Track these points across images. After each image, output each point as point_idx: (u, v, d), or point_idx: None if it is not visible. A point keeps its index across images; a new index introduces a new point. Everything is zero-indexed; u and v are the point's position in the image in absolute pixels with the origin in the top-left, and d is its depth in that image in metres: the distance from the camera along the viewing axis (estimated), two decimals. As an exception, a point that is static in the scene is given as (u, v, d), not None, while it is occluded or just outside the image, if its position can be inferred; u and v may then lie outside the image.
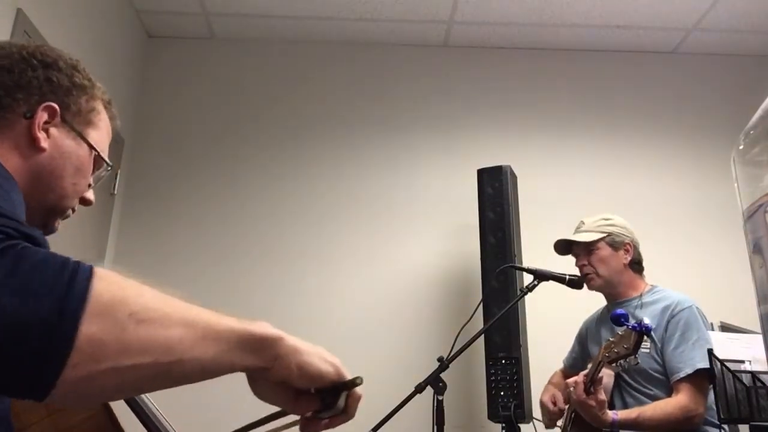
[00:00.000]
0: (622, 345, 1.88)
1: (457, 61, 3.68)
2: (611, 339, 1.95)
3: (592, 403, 1.94)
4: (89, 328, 0.55)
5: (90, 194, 1.05)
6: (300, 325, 3.41)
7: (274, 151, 3.48)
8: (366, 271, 3.31)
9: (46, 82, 0.97)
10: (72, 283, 0.56)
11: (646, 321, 1.90)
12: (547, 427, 2.33)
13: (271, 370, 0.71)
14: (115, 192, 3.22)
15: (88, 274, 0.58)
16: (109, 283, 0.59)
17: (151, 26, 3.59)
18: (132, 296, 0.60)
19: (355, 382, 0.76)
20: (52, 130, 0.97)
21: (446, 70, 3.67)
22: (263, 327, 0.71)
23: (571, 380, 2.04)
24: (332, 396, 0.76)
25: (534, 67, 3.69)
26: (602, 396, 1.95)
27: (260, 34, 3.63)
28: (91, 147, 1.02)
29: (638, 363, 1.95)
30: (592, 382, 1.94)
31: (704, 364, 2.01)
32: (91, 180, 1.05)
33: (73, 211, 1.03)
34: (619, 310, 1.92)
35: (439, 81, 3.65)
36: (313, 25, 3.54)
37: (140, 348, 0.58)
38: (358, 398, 0.79)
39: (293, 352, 0.72)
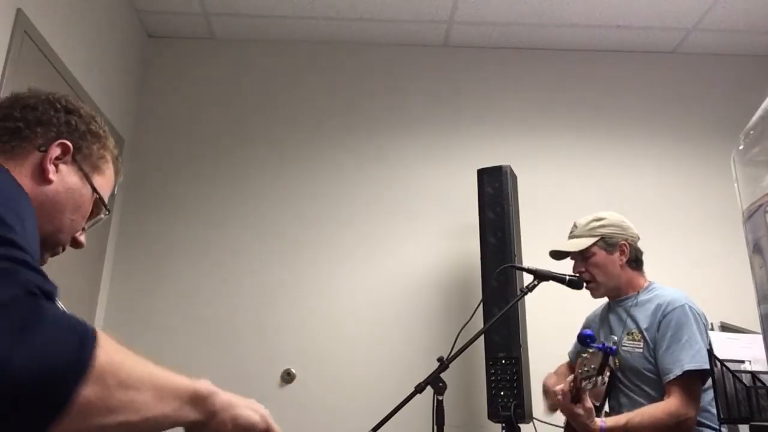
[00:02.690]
0: (591, 365, 1.88)
1: (457, 61, 3.68)
2: (585, 355, 1.93)
3: (580, 411, 1.93)
4: (86, 391, 0.64)
5: (82, 237, 1.12)
6: (300, 325, 3.43)
7: (274, 151, 3.48)
8: (366, 271, 3.31)
9: (65, 124, 1.04)
10: (80, 349, 0.65)
11: (614, 339, 1.96)
12: (550, 410, 2.31)
13: (209, 424, 0.81)
14: (115, 192, 3.21)
15: (93, 341, 0.66)
16: (106, 352, 0.67)
17: (151, 26, 3.59)
18: (121, 363, 0.70)
19: None
20: (62, 167, 1.02)
21: (446, 70, 3.67)
22: (204, 384, 0.81)
23: (558, 388, 2.03)
24: None
25: (534, 67, 3.69)
26: (589, 404, 1.94)
27: (260, 34, 3.63)
28: (94, 189, 1.07)
29: (605, 383, 1.97)
30: (578, 391, 1.93)
31: (693, 365, 2.00)
32: (85, 224, 1.11)
33: (63, 249, 1.09)
34: (586, 331, 1.93)
35: (439, 81, 3.65)
36: (313, 25, 3.54)
37: (118, 409, 0.68)
38: None
39: (227, 407, 0.83)
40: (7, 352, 0.59)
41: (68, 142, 1.03)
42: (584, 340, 1.90)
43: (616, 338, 2.16)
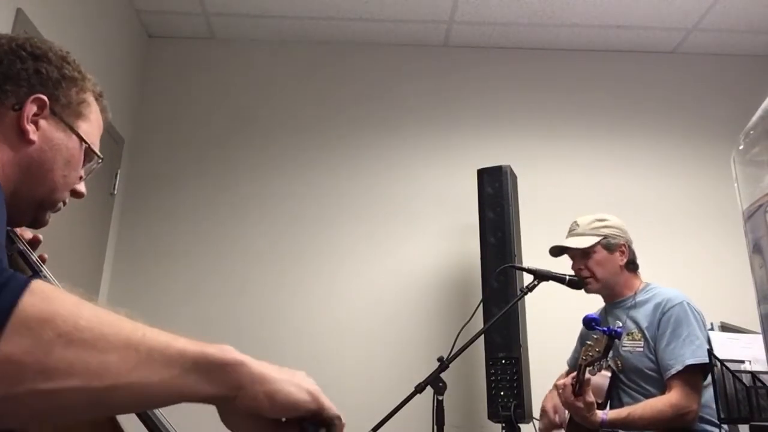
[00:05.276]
0: (595, 349, 1.92)
1: (457, 61, 3.68)
2: (589, 342, 1.98)
3: (580, 404, 1.95)
4: (8, 346, 0.51)
5: (81, 186, 1.04)
6: (300, 325, 3.43)
7: (274, 151, 3.48)
8: (366, 271, 3.31)
9: (35, 74, 0.96)
10: None
11: (619, 324, 1.97)
12: (545, 431, 2.33)
13: (236, 400, 0.63)
14: (115, 192, 3.22)
15: (20, 287, 0.54)
16: (41, 299, 0.54)
17: (151, 26, 3.59)
18: (65, 314, 0.55)
19: (334, 423, 0.70)
20: (42, 123, 0.96)
21: (446, 70, 3.67)
22: (224, 351, 0.64)
23: (560, 382, 2.06)
24: (314, 427, 0.69)
25: (534, 67, 3.69)
26: (590, 398, 1.96)
27: (260, 34, 3.63)
28: (81, 139, 1.01)
29: (608, 365, 2.03)
30: (579, 383, 1.95)
31: (694, 359, 2.02)
32: (82, 172, 1.04)
33: (64, 203, 1.02)
34: (591, 315, 1.97)
35: (439, 81, 3.65)
36: (313, 25, 3.54)
37: (65, 371, 0.53)
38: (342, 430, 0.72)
39: (260, 380, 0.65)
40: None
41: (43, 96, 0.95)
42: (589, 323, 1.93)
43: (620, 323, 2.18)
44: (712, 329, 2.27)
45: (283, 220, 3.37)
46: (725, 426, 1.95)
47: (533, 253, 2.88)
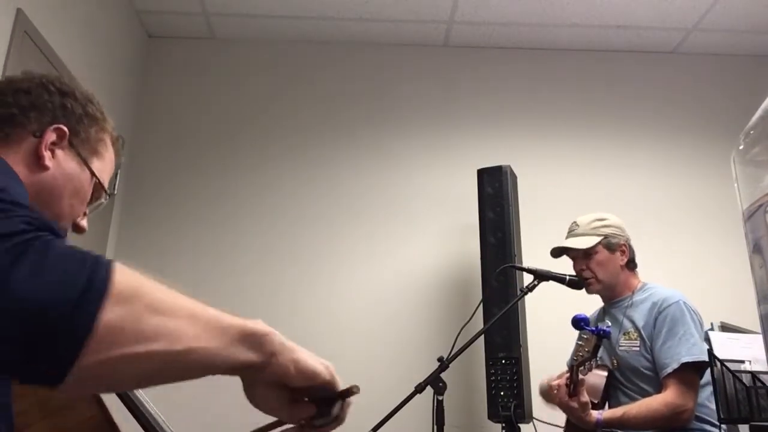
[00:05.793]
0: (585, 349, 1.93)
1: (457, 61, 3.68)
2: (580, 342, 1.97)
3: (575, 405, 1.95)
4: (109, 315, 0.58)
5: (84, 222, 1.08)
6: (300, 325, 3.43)
7: (274, 151, 3.49)
8: (366, 271, 3.31)
9: (61, 108, 1.01)
10: (94, 272, 0.59)
11: (608, 323, 2.04)
12: (548, 401, 2.31)
13: (268, 368, 0.72)
14: (115, 192, 3.22)
15: (109, 266, 0.61)
16: (128, 275, 0.62)
17: (151, 26, 3.59)
18: (147, 287, 0.63)
19: (352, 391, 0.78)
20: (58, 152, 1.00)
21: (446, 70, 3.67)
22: (259, 323, 0.73)
23: (554, 383, 2.05)
24: (327, 404, 0.78)
25: (534, 67, 3.69)
26: (584, 398, 1.95)
27: (260, 34, 3.63)
28: (93, 174, 1.04)
29: (605, 365, 2.07)
30: (573, 384, 1.95)
31: (690, 357, 2.01)
32: (86, 208, 1.08)
33: (65, 236, 1.04)
34: (580, 315, 1.96)
35: (439, 81, 3.65)
36: (313, 25, 3.54)
37: (154, 335, 0.61)
38: (349, 405, 0.82)
39: (288, 350, 0.74)
40: (17, 285, 0.55)
41: (64, 127, 1.00)
42: (578, 323, 1.93)
43: (609, 323, 2.18)
44: (712, 329, 2.26)
45: (283, 220, 3.37)
46: (724, 426, 1.95)
47: (533, 253, 2.88)
